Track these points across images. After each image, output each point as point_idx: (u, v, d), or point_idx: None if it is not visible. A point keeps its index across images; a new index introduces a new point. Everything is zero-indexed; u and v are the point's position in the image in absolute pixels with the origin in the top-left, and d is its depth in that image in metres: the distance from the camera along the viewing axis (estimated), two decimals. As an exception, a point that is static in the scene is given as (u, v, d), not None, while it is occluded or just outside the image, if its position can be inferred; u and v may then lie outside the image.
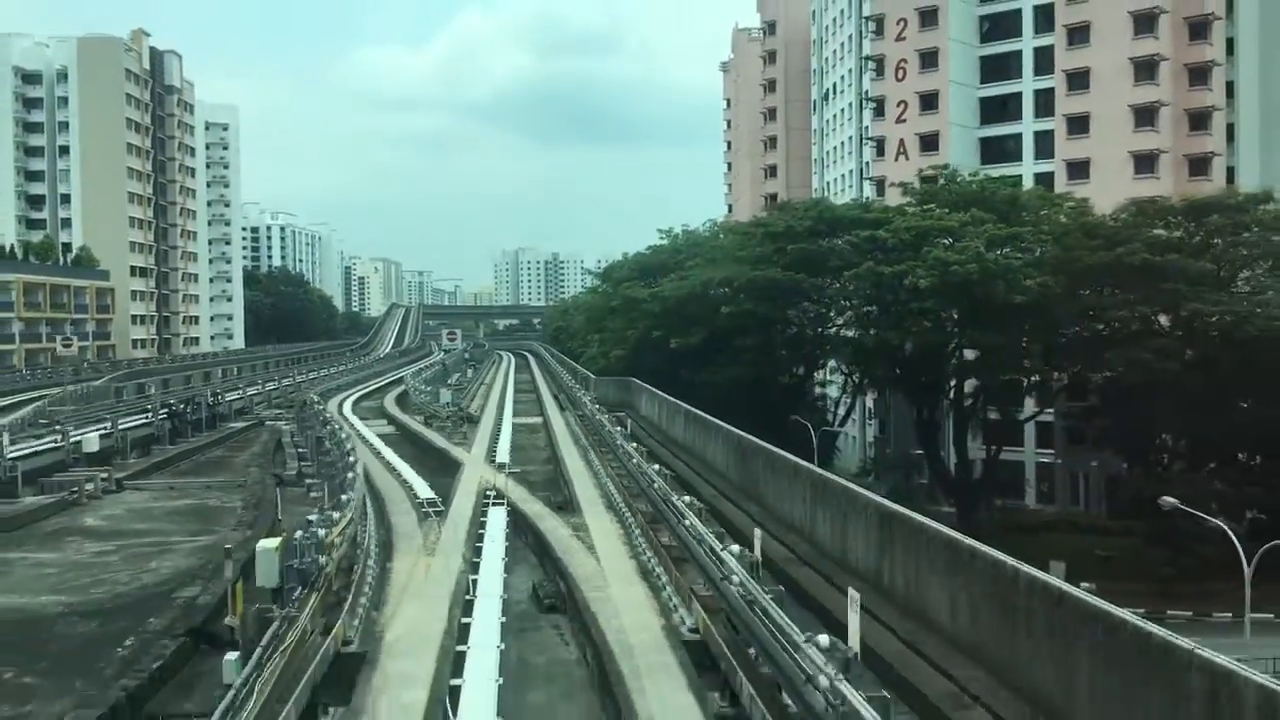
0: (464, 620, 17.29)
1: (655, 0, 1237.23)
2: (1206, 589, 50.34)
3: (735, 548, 17.38)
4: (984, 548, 15.16)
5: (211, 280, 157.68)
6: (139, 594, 20.64)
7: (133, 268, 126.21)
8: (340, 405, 67.77)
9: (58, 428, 42.97)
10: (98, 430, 42.79)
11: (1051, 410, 63.57)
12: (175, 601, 19.19)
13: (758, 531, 19.30)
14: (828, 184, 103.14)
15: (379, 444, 45.77)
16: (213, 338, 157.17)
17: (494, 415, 59.09)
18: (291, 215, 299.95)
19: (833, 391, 74.63)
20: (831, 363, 70.73)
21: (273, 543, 16.44)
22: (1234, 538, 32.39)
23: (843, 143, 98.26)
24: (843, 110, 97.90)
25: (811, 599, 19.28)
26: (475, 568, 21.20)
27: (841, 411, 73.47)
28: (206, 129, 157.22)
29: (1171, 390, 50.22)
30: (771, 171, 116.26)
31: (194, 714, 13.50)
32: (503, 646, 15.77)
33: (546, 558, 24.34)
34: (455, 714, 12.49)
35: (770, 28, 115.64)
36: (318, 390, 70.99)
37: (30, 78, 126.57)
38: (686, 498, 22.97)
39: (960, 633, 15.51)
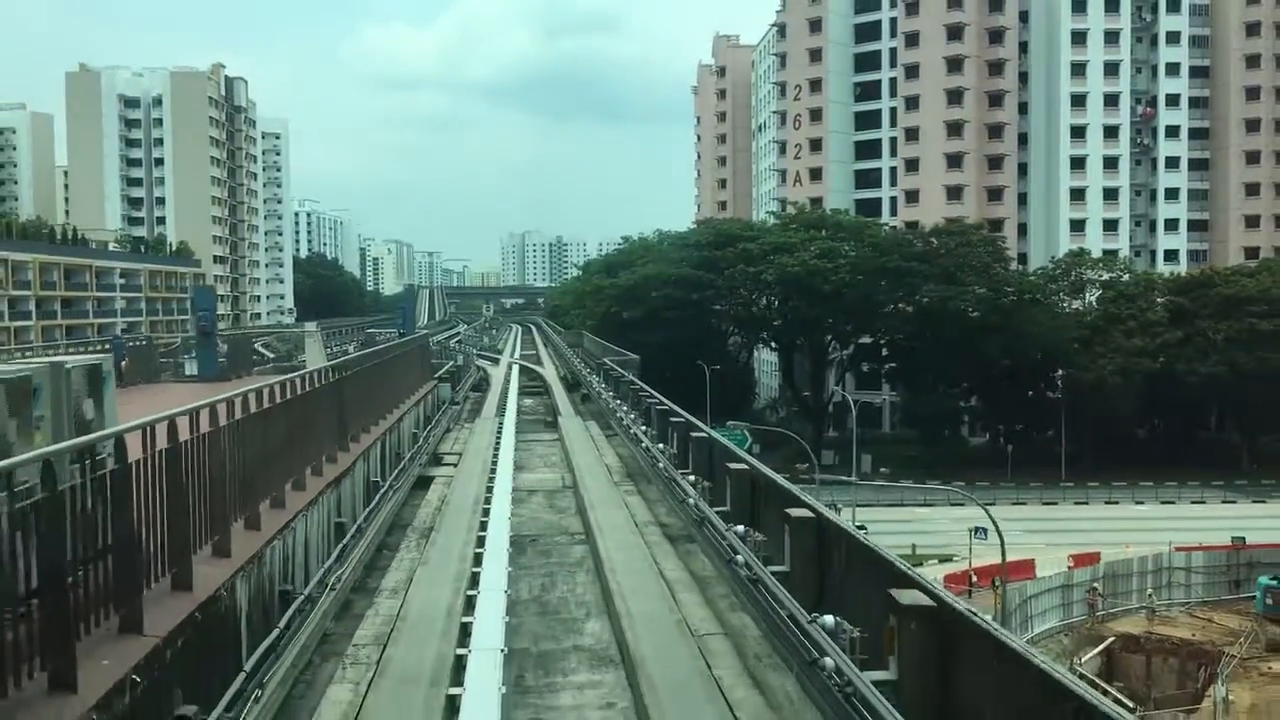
0: (507, 380, 51.40)
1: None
2: (956, 470, 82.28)
3: (578, 362, 51.62)
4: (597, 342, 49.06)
5: (266, 265, 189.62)
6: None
7: (214, 256, 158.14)
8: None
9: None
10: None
11: (877, 362, 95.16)
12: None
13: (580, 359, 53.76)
14: (760, 196, 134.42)
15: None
16: (268, 313, 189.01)
17: (510, 349, 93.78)
18: (315, 201, 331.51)
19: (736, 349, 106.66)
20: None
21: (462, 357, 52.54)
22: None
23: (768, 167, 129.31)
24: (768, 142, 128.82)
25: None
26: (510, 372, 56.56)
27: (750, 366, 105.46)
28: (262, 138, 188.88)
29: (932, 344, 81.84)
30: (722, 184, 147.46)
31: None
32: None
33: (531, 373, 59.13)
34: (506, 398, 45.03)
35: (721, 71, 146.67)
36: None
37: (131, 102, 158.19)
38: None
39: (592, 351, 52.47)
